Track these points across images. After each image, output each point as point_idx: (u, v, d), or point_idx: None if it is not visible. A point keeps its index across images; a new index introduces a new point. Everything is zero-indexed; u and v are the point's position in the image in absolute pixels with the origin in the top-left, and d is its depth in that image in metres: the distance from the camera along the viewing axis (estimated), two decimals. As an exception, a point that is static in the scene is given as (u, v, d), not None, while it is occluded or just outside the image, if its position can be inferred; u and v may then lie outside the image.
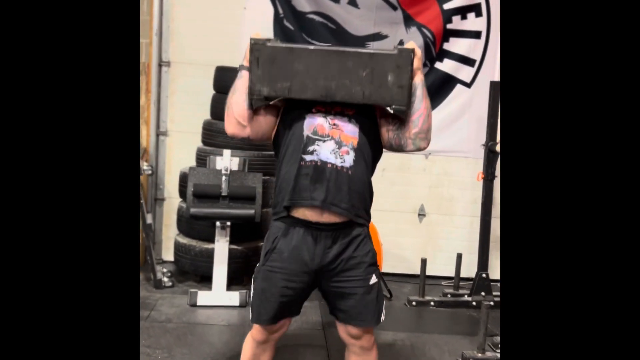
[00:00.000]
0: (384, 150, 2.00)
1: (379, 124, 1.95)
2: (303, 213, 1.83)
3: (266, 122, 1.94)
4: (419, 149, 1.91)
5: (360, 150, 1.86)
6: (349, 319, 1.92)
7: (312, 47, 1.81)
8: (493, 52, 4.24)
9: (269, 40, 1.80)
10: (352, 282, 1.86)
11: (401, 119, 1.90)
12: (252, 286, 1.95)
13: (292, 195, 1.82)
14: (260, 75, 1.81)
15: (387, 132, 1.93)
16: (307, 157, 1.82)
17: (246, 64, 1.86)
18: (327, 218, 1.81)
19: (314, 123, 1.87)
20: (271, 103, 1.95)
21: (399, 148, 1.92)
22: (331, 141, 1.83)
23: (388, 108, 1.93)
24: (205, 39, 4.12)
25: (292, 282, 1.86)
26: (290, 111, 1.93)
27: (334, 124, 1.86)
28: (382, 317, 1.94)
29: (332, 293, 1.90)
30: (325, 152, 1.82)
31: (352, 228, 1.85)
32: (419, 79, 1.85)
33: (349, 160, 1.82)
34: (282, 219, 1.87)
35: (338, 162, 1.81)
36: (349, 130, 1.86)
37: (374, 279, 1.89)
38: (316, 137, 1.84)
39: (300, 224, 1.84)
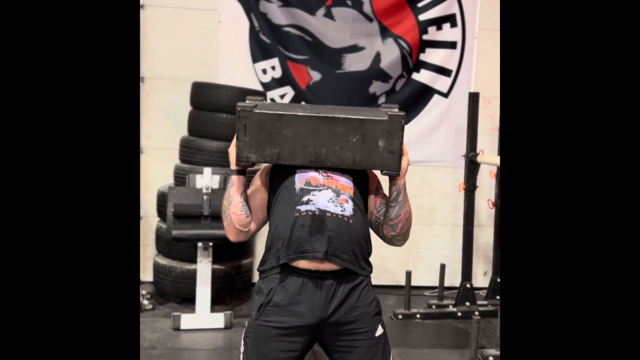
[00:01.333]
0: None
1: (369, 191, 1.92)
2: (301, 263, 1.70)
3: (262, 210, 1.90)
4: (394, 245, 1.93)
5: (356, 201, 1.80)
6: None
7: (301, 113, 1.75)
8: (469, 61, 4.28)
9: (255, 106, 1.75)
10: (357, 334, 1.72)
11: (387, 207, 1.87)
12: (243, 342, 1.76)
13: (287, 250, 1.69)
14: (248, 142, 1.76)
15: (371, 215, 1.91)
16: (302, 208, 1.72)
17: (233, 167, 1.83)
18: (328, 266, 1.69)
19: (306, 176, 1.80)
20: (259, 184, 1.92)
21: (376, 232, 1.92)
22: (328, 190, 1.76)
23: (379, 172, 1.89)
24: (180, 53, 4.03)
25: (290, 338, 1.70)
26: (277, 173, 1.87)
27: (328, 175, 1.80)
28: None
29: (336, 348, 1.75)
30: (322, 200, 1.73)
31: (355, 275, 1.73)
32: (401, 182, 1.82)
33: (348, 209, 1.74)
34: (275, 274, 1.73)
35: (338, 211, 1.72)
36: (344, 181, 1.81)
37: (379, 330, 1.75)
38: (310, 187, 1.77)
39: (298, 272, 1.70)
